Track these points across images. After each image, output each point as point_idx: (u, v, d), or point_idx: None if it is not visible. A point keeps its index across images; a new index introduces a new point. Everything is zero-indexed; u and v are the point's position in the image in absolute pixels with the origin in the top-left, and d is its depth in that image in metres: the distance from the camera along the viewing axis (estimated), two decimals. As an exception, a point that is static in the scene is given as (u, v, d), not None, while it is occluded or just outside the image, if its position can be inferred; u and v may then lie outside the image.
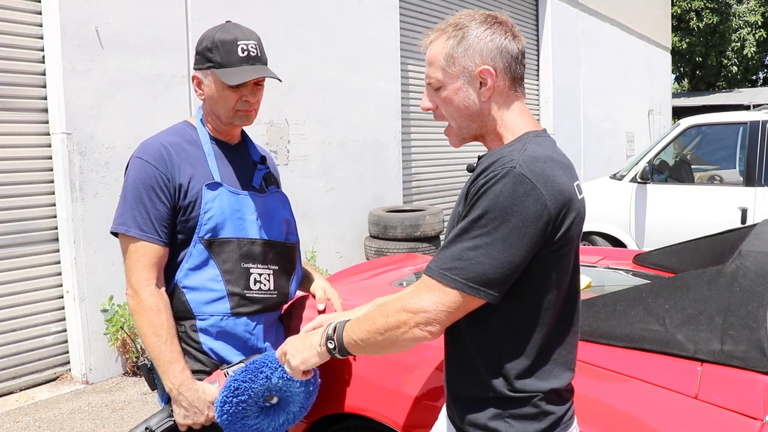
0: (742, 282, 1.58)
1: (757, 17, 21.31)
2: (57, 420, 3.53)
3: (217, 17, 4.66)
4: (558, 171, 1.16)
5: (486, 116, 1.26)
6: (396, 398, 1.77)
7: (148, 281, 1.54)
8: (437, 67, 1.26)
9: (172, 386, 1.51)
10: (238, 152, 1.74)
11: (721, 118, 5.89)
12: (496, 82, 1.24)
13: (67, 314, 4.04)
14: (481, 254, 1.11)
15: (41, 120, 3.92)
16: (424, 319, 1.14)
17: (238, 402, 1.48)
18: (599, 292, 2.15)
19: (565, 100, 10.20)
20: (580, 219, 1.20)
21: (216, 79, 1.59)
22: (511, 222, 1.10)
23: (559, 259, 1.18)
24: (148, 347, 1.52)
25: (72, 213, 3.89)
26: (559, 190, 1.13)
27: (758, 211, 5.13)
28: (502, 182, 1.11)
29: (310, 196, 5.70)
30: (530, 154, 1.15)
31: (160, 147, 1.59)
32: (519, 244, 1.11)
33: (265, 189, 1.74)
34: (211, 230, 1.58)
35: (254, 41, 1.61)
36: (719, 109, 14.36)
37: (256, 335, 1.65)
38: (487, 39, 1.22)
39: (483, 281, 1.11)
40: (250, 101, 1.63)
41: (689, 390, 1.50)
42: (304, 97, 5.60)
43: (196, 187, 1.58)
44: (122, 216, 1.56)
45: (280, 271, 1.70)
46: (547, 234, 1.13)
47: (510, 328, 1.20)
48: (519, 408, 1.20)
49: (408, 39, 6.92)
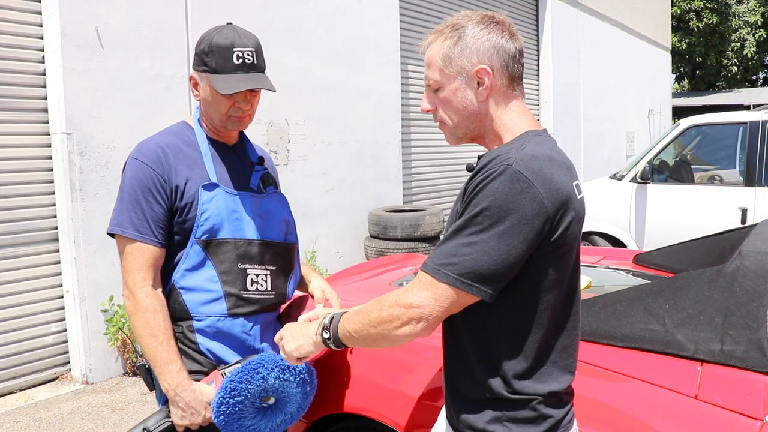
0: (742, 282, 1.58)
1: (757, 17, 21.31)
2: (57, 420, 3.53)
3: (217, 17, 4.66)
4: (556, 170, 1.16)
5: (484, 116, 1.26)
6: (397, 398, 1.77)
7: (145, 282, 1.54)
8: (435, 68, 1.27)
9: (169, 387, 1.52)
10: (236, 153, 1.74)
11: (721, 118, 5.89)
12: (494, 82, 1.23)
13: (67, 314, 4.04)
14: (476, 251, 1.11)
15: (41, 120, 3.92)
16: (416, 314, 1.14)
17: (234, 403, 1.48)
18: (599, 292, 2.15)
19: (565, 100, 10.20)
20: (578, 219, 1.20)
21: (210, 84, 1.59)
22: (508, 219, 1.10)
23: (558, 260, 1.18)
24: (144, 348, 1.53)
25: (72, 213, 3.89)
26: (556, 189, 1.13)
27: (758, 211, 5.13)
28: (498, 179, 1.11)
29: (310, 196, 5.70)
30: (528, 153, 1.15)
31: (157, 148, 1.59)
32: (515, 242, 1.10)
33: (262, 190, 1.74)
34: (207, 231, 1.58)
35: (251, 48, 1.59)
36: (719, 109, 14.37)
37: (253, 336, 1.65)
38: (483, 39, 1.22)
39: (477, 277, 1.11)
40: (243, 108, 1.62)
41: (689, 390, 1.50)
42: (304, 97, 5.60)
43: (192, 188, 1.58)
44: (119, 217, 1.56)
45: (277, 272, 1.70)
46: (544, 233, 1.13)
47: (508, 329, 1.19)
48: (517, 411, 1.19)
49: (408, 39, 6.92)
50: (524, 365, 1.19)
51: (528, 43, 9.62)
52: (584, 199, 1.26)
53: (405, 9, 6.96)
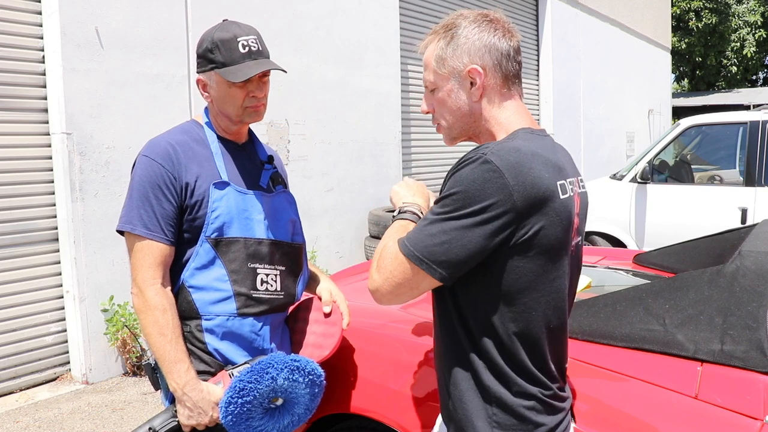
0: (742, 282, 1.58)
1: (757, 17, 21.31)
2: (57, 420, 3.53)
3: (217, 17, 4.65)
4: (538, 166, 1.13)
5: (478, 116, 1.25)
6: (398, 399, 1.77)
7: (154, 280, 1.53)
8: (430, 69, 1.27)
9: (177, 386, 1.50)
10: (246, 152, 1.73)
11: (721, 118, 5.89)
12: (486, 81, 1.22)
13: (67, 314, 4.04)
14: (437, 230, 1.12)
15: (41, 120, 3.92)
16: (374, 283, 1.20)
17: (243, 403, 1.47)
18: (599, 292, 2.15)
19: (565, 100, 10.20)
20: (561, 220, 1.15)
21: (221, 79, 1.59)
22: (471, 205, 1.10)
23: (531, 260, 1.14)
24: (152, 347, 1.51)
25: (72, 213, 3.89)
26: (531, 184, 1.10)
27: (758, 211, 5.13)
28: (470, 166, 1.11)
29: (310, 196, 5.70)
30: (510, 146, 1.13)
31: (167, 145, 1.58)
32: (475, 229, 1.10)
33: (272, 189, 1.73)
34: (218, 229, 1.57)
35: (254, 36, 1.61)
36: (719, 109, 14.38)
37: (262, 336, 1.64)
38: (474, 38, 1.22)
39: (431, 256, 1.12)
40: (258, 96, 1.62)
41: (689, 390, 1.50)
42: (304, 97, 5.60)
43: (203, 186, 1.57)
44: (128, 214, 1.55)
45: (286, 272, 1.69)
46: (510, 226, 1.10)
47: (489, 331, 1.17)
48: (507, 418, 1.18)
49: (408, 39, 6.92)
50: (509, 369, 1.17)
51: (528, 43, 9.62)
52: (572, 200, 1.21)
53: (405, 9, 6.96)
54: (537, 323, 1.18)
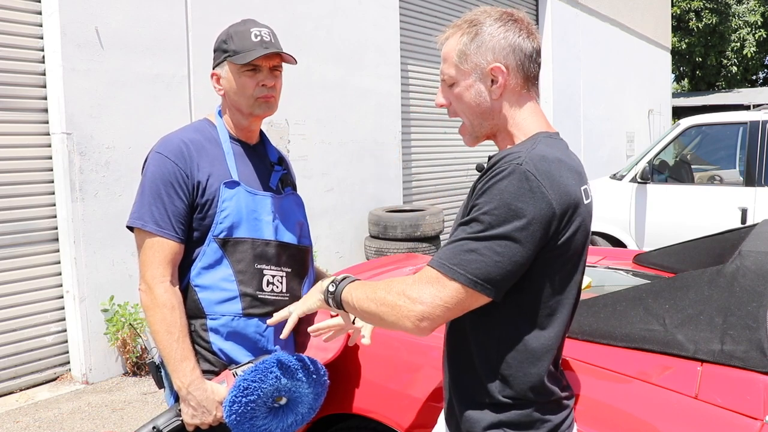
0: (742, 282, 1.58)
1: (757, 17, 21.31)
2: (57, 420, 3.53)
3: (217, 17, 4.66)
4: (565, 173, 1.14)
5: (497, 114, 1.25)
6: (400, 399, 1.77)
7: (163, 278, 1.52)
8: (450, 63, 1.25)
9: (182, 385, 1.50)
10: (257, 152, 1.73)
11: (721, 118, 5.89)
12: (508, 80, 1.22)
13: (67, 314, 4.04)
14: (484, 248, 1.09)
15: (41, 120, 3.92)
16: (419, 312, 1.11)
17: (247, 402, 1.47)
18: (599, 292, 2.15)
19: (565, 100, 10.20)
20: (585, 225, 1.18)
21: (232, 67, 1.60)
22: (515, 219, 1.08)
23: (562, 265, 1.17)
24: (159, 344, 1.51)
25: (72, 213, 3.89)
26: (565, 192, 1.12)
27: (758, 211, 5.13)
28: (507, 179, 1.10)
29: (310, 196, 5.70)
30: (538, 153, 1.14)
31: (180, 143, 1.58)
32: (521, 242, 1.09)
33: (281, 190, 1.73)
34: (226, 229, 1.57)
35: (267, 29, 1.63)
36: (719, 109, 14.38)
37: (267, 337, 1.63)
38: (500, 36, 1.21)
39: (484, 276, 1.10)
40: (268, 85, 1.62)
41: (689, 390, 1.50)
42: (304, 97, 5.60)
43: (214, 184, 1.57)
44: (139, 210, 1.55)
45: (292, 274, 1.69)
46: (550, 234, 1.12)
47: (511, 334, 1.18)
48: (516, 416, 1.19)
49: (408, 39, 6.92)
50: (524, 370, 1.18)
51: (528, 43, 9.60)
52: (592, 205, 1.24)
53: (405, 9, 6.95)
54: (557, 326, 1.20)
